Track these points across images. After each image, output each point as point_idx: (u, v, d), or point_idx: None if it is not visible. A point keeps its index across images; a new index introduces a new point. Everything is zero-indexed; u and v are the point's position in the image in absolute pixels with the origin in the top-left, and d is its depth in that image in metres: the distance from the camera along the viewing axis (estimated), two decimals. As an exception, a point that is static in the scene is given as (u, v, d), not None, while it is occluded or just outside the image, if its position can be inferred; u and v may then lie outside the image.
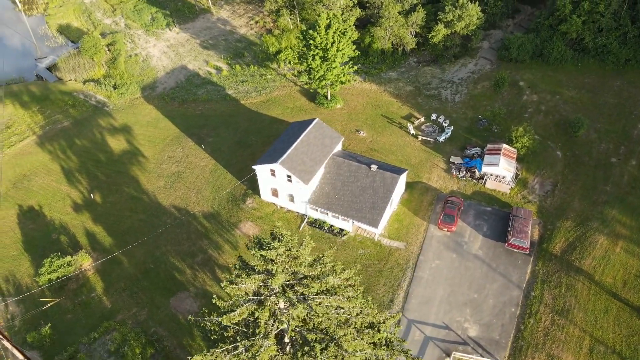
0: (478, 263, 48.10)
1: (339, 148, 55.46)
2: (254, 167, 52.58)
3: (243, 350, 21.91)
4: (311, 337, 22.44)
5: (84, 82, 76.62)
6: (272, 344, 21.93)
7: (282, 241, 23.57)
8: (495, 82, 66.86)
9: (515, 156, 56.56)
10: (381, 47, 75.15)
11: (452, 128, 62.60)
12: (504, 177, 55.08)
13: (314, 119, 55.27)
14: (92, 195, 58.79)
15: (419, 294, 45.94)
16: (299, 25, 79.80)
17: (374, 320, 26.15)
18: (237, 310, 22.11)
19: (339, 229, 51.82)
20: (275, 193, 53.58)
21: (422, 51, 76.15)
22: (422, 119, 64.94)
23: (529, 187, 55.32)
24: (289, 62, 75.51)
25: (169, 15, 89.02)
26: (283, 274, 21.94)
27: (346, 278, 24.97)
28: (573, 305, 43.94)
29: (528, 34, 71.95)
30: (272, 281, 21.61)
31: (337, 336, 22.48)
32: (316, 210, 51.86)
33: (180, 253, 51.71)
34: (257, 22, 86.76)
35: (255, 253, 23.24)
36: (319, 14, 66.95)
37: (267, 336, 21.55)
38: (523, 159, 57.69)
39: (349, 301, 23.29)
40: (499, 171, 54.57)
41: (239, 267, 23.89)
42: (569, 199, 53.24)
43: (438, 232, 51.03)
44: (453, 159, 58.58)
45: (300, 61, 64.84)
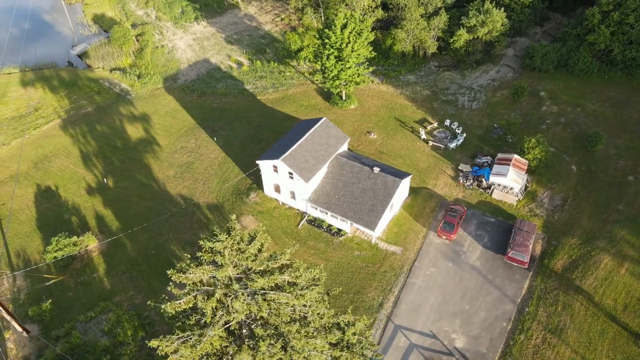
0: (474, 274, 47.16)
1: (344, 148, 55.42)
2: (257, 161, 53.22)
3: (191, 338, 22.50)
4: (259, 331, 22.74)
5: (111, 70, 79.28)
6: (217, 334, 22.39)
7: (230, 235, 23.95)
8: (515, 91, 65.21)
9: (526, 168, 55.02)
10: (402, 49, 74.49)
11: (465, 135, 61.50)
12: (511, 189, 53.74)
13: (321, 117, 55.42)
14: (105, 179, 60.88)
15: (410, 300, 45.45)
16: (323, 24, 79.98)
17: (337, 321, 26.15)
18: (182, 299, 22.74)
19: (337, 229, 51.84)
20: (277, 189, 54.08)
21: (443, 55, 75.01)
22: (435, 124, 64.06)
23: (537, 200, 53.77)
24: (309, 61, 75.90)
25: (198, 9, 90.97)
26: (231, 266, 22.33)
27: (312, 277, 25.05)
28: (567, 325, 42.52)
29: (554, 43, 69.75)
30: (217, 273, 22.02)
31: (285, 333, 22.67)
32: (316, 208, 52.04)
33: (181, 241, 52.90)
34: (282, 20, 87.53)
35: (203, 244, 23.75)
36: (336, 13, 67.02)
37: (212, 326, 22.03)
38: (535, 171, 56.09)
39: (297, 299, 23.36)
40: (507, 182, 53.26)
41: (190, 257, 24.44)
42: (577, 216, 51.46)
43: (437, 240, 50.31)
44: (462, 166, 57.55)
45: (316, 60, 65.06)
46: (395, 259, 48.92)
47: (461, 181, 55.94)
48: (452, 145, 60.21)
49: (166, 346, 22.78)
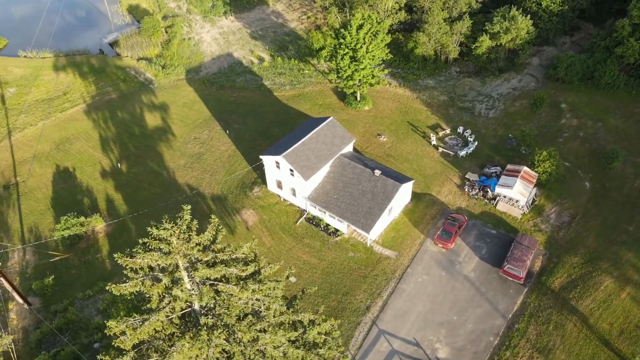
0: (467, 285, 46.24)
1: (349, 149, 55.31)
2: (260, 156, 53.87)
3: (136, 321, 23.29)
4: (203, 320, 23.26)
5: (138, 60, 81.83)
6: (160, 319, 23.06)
7: (177, 223, 24.54)
8: (534, 101, 63.33)
9: (535, 181, 53.41)
10: (423, 53, 73.54)
11: (477, 144, 60.24)
12: (517, 201, 52.32)
13: (328, 117, 55.51)
14: (120, 164, 63.02)
15: (397, 306, 45.02)
16: (340, 24, 79.89)
17: (297, 319, 26.33)
18: (128, 282, 23.51)
19: (334, 229, 51.88)
20: (279, 185, 54.58)
21: (465, 61, 73.59)
22: (448, 131, 63.01)
23: (543, 215, 52.14)
24: (325, 60, 76.04)
25: (227, 4, 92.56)
26: (179, 255, 22.92)
27: (272, 274, 25.36)
28: (557, 346, 41.13)
29: (581, 54, 67.24)
30: (163, 260, 22.65)
31: (231, 324, 23.05)
32: (315, 207, 52.23)
33: (182, 229, 54.14)
34: (308, 18, 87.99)
35: (150, 231, 24.42)
36: (353, 13, 66.84)
37: (157, 312, 22.71)
38: (545, 185, 54.39)
39: (241, 292, 23.58)
40: (512, 194, 51.89)
41: (141, 243, 25.18)
42: (584, 234, 49.62)
43: (433, 248, 49.59)
44: (469, 175, 56.43)
45: (331, 59, 65.17)
46: (388, 264, 48.54)
47: (466, 190, 54.87)
48: (462, 153, 59.08)
49: (116, 327, 23.65)
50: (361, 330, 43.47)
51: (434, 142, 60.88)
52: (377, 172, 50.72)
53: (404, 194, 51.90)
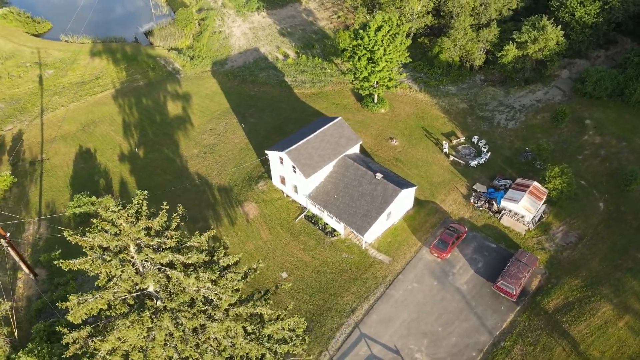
0: (457, 297, 45.28)
1: (355, 150, 55.14)
2: (266, 151, 54.55)
3: (84, 298, 24.37)
4: (150, 303, 24.00)
5: (169, 50, 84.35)
6: (106, 297, 23.98)
7: (125, 207, 25.34)
8: (555, 115, 61.03)
9: (545, 197, 51.55)
10: (448, 59, 72.21)
11: (490, 154, 58.70)
12: (522, 217, 50.68)
13: (337, 117, 55.54)
14: (137, 149, 65.32)
15: (383, 311, 44.63)
16: (359, 25, 79.48)
17: (254, 312, 26.70)
18: (76, 260, 24.56)
19: (332, 229, 51.92)
20: (283, 181, 55.12)
21: (491, 70, 71.71)
22: (462, 139, 61.69)
23: (549, 233, 50.31)
24: (344, 60, 75.87)
25: (262, 0, 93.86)
26: (127, 237, 23.73)
27: (232, 263, 25.88)
28: (542, 369, 39.70)
29: (612, 69, 64.18)
30: (112, 242, 23.54)
31: (175, 309, 23.71)
32: (315, 205, 52.44)
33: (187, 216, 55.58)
34: (338, 17, 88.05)
35: (100, 212, 25.35)
36: (374, 15, 66.37)
37: (104, 290, 23.68)
38: (556, 202, 52.41)
39: (185, 278, 24.13)
40: (518, 209, 50.32)
41: (94, 224, 26.17)
42: (589, 256, 47.54)
43: (428, 256, 48.80)
44: (477, 186, 55.12)
45: (350, 59, 65.05)
46: (380, 268, 48.16)
47: (472, 201, 53.62)
48: (473, 163, 57.73)
49: (71, 301, 24.86)
50: (343, 332, 43.38)
51: (445, 150, 59.76)
52: (379, 176, 50.36)
53: (404, 199, 51.30)
